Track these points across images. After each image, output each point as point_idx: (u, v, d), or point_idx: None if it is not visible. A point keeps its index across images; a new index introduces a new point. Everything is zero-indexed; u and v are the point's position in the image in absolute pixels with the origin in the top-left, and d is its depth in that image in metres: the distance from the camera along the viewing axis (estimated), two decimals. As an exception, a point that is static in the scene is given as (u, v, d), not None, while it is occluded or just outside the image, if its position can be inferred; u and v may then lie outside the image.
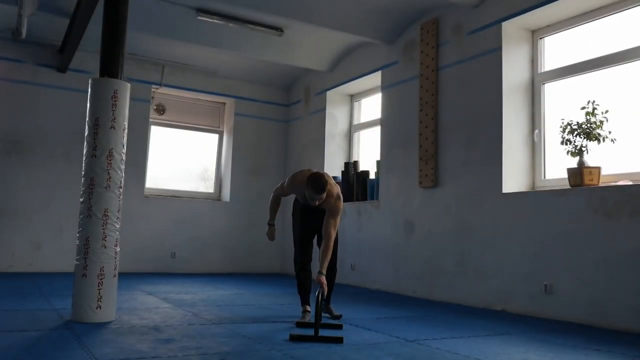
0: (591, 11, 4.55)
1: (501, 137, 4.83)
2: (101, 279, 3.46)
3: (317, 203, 3.67)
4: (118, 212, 3.59)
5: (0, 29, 6.19)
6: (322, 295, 3.45)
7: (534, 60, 5.01)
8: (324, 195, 3.64)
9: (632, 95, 4.22)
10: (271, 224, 4.16)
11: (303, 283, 3.94)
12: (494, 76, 4.93)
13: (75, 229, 3.79)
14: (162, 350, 2.75)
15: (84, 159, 3.62)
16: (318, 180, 3.61)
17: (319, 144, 7.37)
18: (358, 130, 7.32)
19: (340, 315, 3.94)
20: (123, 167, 3.65)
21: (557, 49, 4.92)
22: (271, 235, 4.18)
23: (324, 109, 7.34)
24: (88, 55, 6.65)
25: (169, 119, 7.81)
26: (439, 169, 5.45)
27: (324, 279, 3.55)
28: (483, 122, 5.03)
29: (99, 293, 3.45)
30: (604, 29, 4.55)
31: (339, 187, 3.89)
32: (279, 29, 6.34)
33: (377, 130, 6.60)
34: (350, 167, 6.87)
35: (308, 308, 3.88)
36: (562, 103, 4.80)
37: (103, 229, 3.49)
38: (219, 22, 6.05)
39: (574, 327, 3.89)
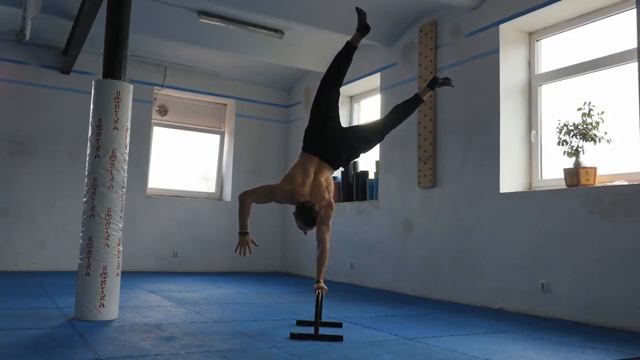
0: (587, 14, 4.59)
1: (498, 137, 4.87)
2: (104, 278, 3.49)
3: (307, 233, 3.52)
4: (121, 211, 3.62)
5: (4, 31, 6.23)
6: (322, 297, 3.44)
7: (531, 62, 5.05)
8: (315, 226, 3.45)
9: (627, 96, 4.26)
10: (246, 232, 3.42)
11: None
12: (492, 78, 4.97)
13: (78, 228, 3.81)
14: (164, 348, 2.77)
15: (87, 159, 3.64)
16: (309, 214, 3.31)
17: (319, 144, 7.39)
18: (358, 131, 7.36)
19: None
20: (126, 167, 3.67)
21: (554, 51, 4.95)
22: (245, 245, 3.39)
23: (324, 110, 7.36)
24: (91, 57, 6.69)
25: (171, 120, 7.86)
26: (438, 169, 5.49)
27: (322, 285, 3.46)
28: (481, 123, 5.07)
29: (102, 291, 3.47)
30: (599, 31, 4.59)
31: (332, 188, 3.64)
32: (279, 31, 6.38)
33: (376, 131, 6.65)
34: (350, 167, 6.91)
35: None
36: (558, 104, 4.84)
37: (106, 228, 3.51)
38: (220, 24, 6.09)
39: (571, 325, 3.92)
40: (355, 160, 6.94)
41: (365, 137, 3.78)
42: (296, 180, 3.47)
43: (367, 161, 6.92)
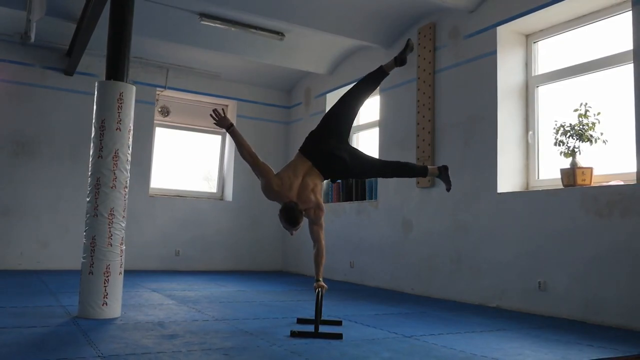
0: (583, 16, 4.63)
1: (496, 138, 4.91)
2: (107, 277, 3.53)
3: (292, 234, 3.54)
4: (123, 211, 3.65)
5: (9, 33, 6.30)
6: (322, 295, 3.48)
7: (528, 63, 5.09)
8: (299, 227, 3.45)
9: (623, 97, 4.29)
10: (231, 124, 3.77)
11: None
12: (489, 79, 5.01)
13: (81, 227, 3.84)
14: (167, 345, 2.80)
15: (90, 159, 3.67)
16: (291, 213, 3.38)
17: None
18: (357, 132, 7.41)
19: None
20: (128, 167, 3.71)
21: (551, 53, 4.99)
22: (223, 113, 3.80)
23: (324, 111, 7.41)
24: (94, 58, 6.76)
25: (173, 121, 7.93)
26: (437, 169, 5.54)
27: (322, 283, 3.51)
28: (478, 124, 5.11)
29: (105, 290, 3.52)
30: (595, 33, 4.63)
31: (320, 189, 3.61)
32: (280, 33, 6.44)
33: (375, 132, 6.70)
34: (351, 167, 6.94)
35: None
36: (555, 105, 4.88)
37: (109, 227, 3.55)
38: (221, 26, 6.15)
39: (567, 323, 3.95)
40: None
41: (361, 165, 3.73)
42: (285, 184, 3.49)
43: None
